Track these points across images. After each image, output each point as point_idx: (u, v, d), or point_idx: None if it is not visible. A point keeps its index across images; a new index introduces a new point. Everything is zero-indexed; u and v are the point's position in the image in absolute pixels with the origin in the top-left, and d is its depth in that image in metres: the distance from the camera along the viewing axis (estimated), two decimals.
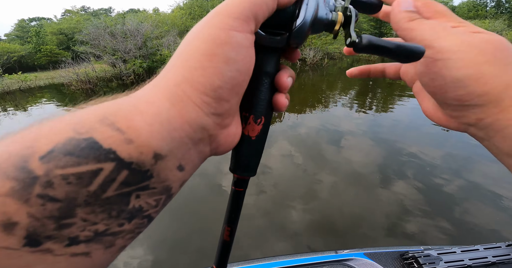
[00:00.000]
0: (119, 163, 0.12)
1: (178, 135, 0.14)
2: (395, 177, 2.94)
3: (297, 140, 4.10)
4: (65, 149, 0.11)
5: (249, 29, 0.16)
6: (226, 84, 0.15)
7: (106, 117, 0.12)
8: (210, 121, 0.15)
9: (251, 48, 0.17)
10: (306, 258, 1.01)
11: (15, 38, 25.98)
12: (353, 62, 14.39)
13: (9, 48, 16.91)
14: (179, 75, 0.15)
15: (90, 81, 8.89)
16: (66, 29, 21.52)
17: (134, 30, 8.86)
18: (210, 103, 0.15)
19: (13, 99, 8.33)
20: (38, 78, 11.45)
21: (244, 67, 0.16)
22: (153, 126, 0.13)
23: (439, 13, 0.22)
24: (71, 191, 0.11)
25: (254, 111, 0.20)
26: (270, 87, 0.20)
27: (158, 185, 0.14)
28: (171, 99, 0.14)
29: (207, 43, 0.15)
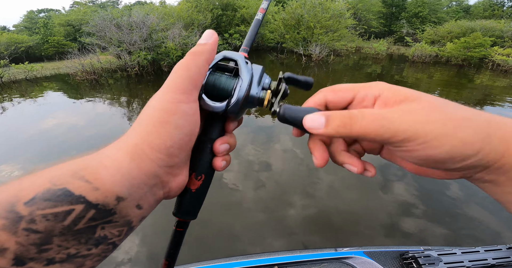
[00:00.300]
0: (88, 204, 0.16)
1: (136, 182, 0.18)
2: (395, 178, 2.89)
3: None
4: (44, 196, 0.15)
5: (192, 99, 0.22)
6: (176, 144, 0.20)
7: (77, 172, 0.17)
8: (162, 172, 0.20)
9: (195, 115, 0.22)
10: (305, 255, 1.05)
11: (24, 29, 26.15)
12: (359, 60, 14.12)
13: (17, 38, 17.02)
14: (139, 137, 0.19)
15: (95, 72, 8.92)
16: (73, 20, 21.55)
17: (140, 22, 8.81)
18: (162, 158, 0.20)
19: (19, 88, 8.43)
20: (44, 68, 11.54)
21: (190, 130, 0.21)
22: (116, 177, 0.17)
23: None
24: (49, 225, 0.15)
25: (196, 169, 0.24)
26: (211, 151, 0.25)
27: (120, 219, 0.18)
28: (131, 155, 0.19)
29: (161, 113, 0.20)
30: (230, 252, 1.92)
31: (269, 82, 0.27)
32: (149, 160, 0.19)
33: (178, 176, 0.22)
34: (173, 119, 0.20)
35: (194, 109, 0.22)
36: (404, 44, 19.32)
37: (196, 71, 0.22)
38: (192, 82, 0.21)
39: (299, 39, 12.60)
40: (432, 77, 9.51)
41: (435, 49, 13.39)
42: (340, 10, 12.22)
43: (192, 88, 0.21)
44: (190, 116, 0.21)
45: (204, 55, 0.23)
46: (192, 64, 0.22)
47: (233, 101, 0.24)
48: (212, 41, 0.24)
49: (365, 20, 21.19)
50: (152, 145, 0.19)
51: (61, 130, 4.58)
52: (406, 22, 22.16)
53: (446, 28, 16.20)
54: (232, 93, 0.24)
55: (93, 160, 0.18)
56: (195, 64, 0.22)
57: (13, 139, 4.28)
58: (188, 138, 0.21)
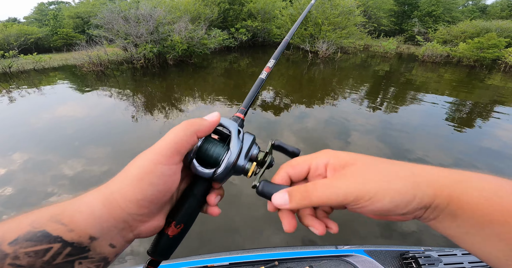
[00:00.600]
0: (64, 243, 0.19)
1: (106, 225, 0.22)
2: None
3: (303, 131, 4.00)
4: (25, 237, 0.18)
5: (173, 162, 0.24)
6: (146, 199, 0.23)
7: (54, 216, 0.20)
8: (130, 218, 0.23)
9: (173, 176, 0.24)
10: (306, 251, 1.05)
11: (34, 21, 26.47)
12: (367, 58, 13.84)
13: (26, 30, 17.23)
14: (114, 188, 0.23)
15: (102, 64, 8.98)
16: (82, 13, 21.71)
17: (147, 15, 8.78)
18: (132, 208, 0.23)
19: (27, 78, 8.56)
20: (52, 59, 11.69)
21: (165, 188, 0.24)
22: (88, 220, 0.21)
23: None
24: (31, 260, 0.18)
25: (177, 219, 0.27)
26: (197, 204, 0.28)
27: (96, 256, 0.21)
28: (103, 202, 0.22)
29: (139, 170, 0.23)
30: (230, 246, 1.92)
31: (257, 153, 0.30)
32: (119, 208, 0.22)
33: (148, 222, 0.25)
34: (148, 177, 0.23)
35: (173, 171, 0.24)
36: (414, 43, 18.86)
37: (183, 138, 0.25)
38: (176, 147, 0.24)
39: (306, 36, 12.40)
40: (442, 77, 9.25)
41: (446, 49, 13.02)
42: (350, 7, 11.94)
43: (175, 152, 0.24)
44: (167, 177, 0.24)
45: (196, 127, 0.26)
46: (181, 132, 0.25)
47: (220, 171, 0.27)
48: (212, 120, 0.28)
49: (375, 18, 20.72)
50: (125, 196, 0.22)
51: (67, 120, 4.63)
52: (418, 21, 21.58)
53: (460, 28, 15.71)
54: (220, 163, 0.27)
55: (69, 205, 0.21)
56: (184, 133, 0.25)
57: (23, 128, 4.35)
58: (162, 194, 0.24)
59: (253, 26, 15.15)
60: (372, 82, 7.99)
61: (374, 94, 6.51)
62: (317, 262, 1.01)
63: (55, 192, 2.59)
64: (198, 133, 0.26)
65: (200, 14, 12.93)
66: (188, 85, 7.19)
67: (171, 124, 4.32)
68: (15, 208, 2.37)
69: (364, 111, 5.11)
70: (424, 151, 3.42)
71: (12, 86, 7.53)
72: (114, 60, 10.07)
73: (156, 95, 6.35)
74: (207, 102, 5.61)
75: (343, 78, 8.42)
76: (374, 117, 4.77)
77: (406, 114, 5.04)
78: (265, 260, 1.01)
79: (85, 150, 3.43)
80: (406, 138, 3.90)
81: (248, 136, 0.30)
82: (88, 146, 3.54)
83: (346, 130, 4.11)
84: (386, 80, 8.47)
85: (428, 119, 4.73)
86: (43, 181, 2.78)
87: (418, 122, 4.60)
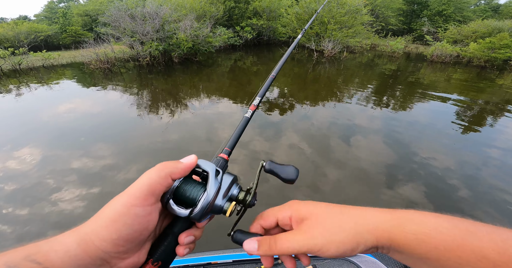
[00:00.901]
0: None
1: (83, 263, 0.22)
2: (403, 178, 2.76)
3: (306, 131, 3.96)
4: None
5: (147, 203, 0.25)
6: (121, 238, 0.24)
7: (29, 256, 0.21)
8: (107, 256, 0.24)
9: (148, 216, 0.26)
10: None
11: (44, 18, 26.97)
12: (374, 57, 13.63)
13: (36, 28, 17.56)
14: (89, 229, 0.24)
15: (108, 61, 9.08)
16: (91, 10, 22.00)
17: (153, 13, 8.83)
18: (107, 247, 0.23)
19: (36, 75, 8.72)
20: (61, 56, 11.89)
21: (140, 228, 0.25)
22: (64, 258, 0.22)
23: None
24: None
25: (154, 256, 0.28)
26: (175, 242, 0.29)
27: None
28: (78, 242, 0.23)
29: (113, 213, 0.24)
30: (233, 244, 1.91)
31: (237, 193, 0.31)
32: (94, 247, 0.23)
33: (127, 259, 0.26)
34: (122, 219, 0.24)
35: (148, 211, 0.25)
36: (423, 43, 18.50)
37: (156, 180, 0.26)
38: (150, 189, 0.25)
39: (312, 34, 12.28)
40: (451, 78, 9.05)
41: (456, 49, 12.72)
42: (357, 6, 11.77)
43: (149, 194, 0.25)
44: (141, 218, 0.25)
45: (169, 169, 0.27)
46: (154, 175, 0.26)
47: (196, 211, 0.28)
48: (188, 163, 0.29)
49: (383, 17, 20.39)
50: (99, 236, 0.23)
51: (73, 115, 4.70)
52: (428, 20, 21.14)
53: (471, 28, 15.33)
54: (196, 203, 0.28)
55: (45, 245, 0.22)
56: (157, 175, 0.26)
57: (31, 123, 4.44)
58: (138, 234, 0.25)
59: (258, 24, 15.10)
60: (378, 81, 7.87)
61: (379, 94, 6.41)
62: (321, 262, 1.01)
63: (60, 180, 2.63)
64: (173, 175, 0.27)
65: (206, 12, 12.94)
66: (193, 83, 7.21)
67: (175, 121, 4.34)
68: (23, 203, 2.40)
69: (368, 110, 5.03)
70: (431, 152, 3.34)
71: (21, 83, 7.69)
72: (121, 58, 10.18)
73: (161, 92, 6.39)
74: (211, 100, 5.61)
75: (349, 78, 8.31)
76: (378, 117, 4.69)
77: (412, 113, 4.94)
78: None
79: (89, 146, 3.47)
80: (413, 138, 3.82)
81: (228, 176, 0.31)
82: (91, 142, 3.58)
83: (349, 130, 4.06)
84: (393, 80, 8.33)
85: (436, 119, 4.63)
86: (50, 173, 2.82)
87: (425, 122, 4.50)
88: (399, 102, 5.83)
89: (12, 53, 9.51)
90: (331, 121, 4.39)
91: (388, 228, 0.24)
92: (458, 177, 2.80)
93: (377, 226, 0.25)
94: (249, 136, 3.68)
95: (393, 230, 0.24)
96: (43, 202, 2.38)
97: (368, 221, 0.25)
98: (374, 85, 7.29)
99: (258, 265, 0.98)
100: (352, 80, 7.92)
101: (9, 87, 7.06)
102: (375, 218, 0.25)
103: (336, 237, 0.25)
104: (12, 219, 2.18)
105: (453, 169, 2.97)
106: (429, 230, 0.22)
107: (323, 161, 3.08)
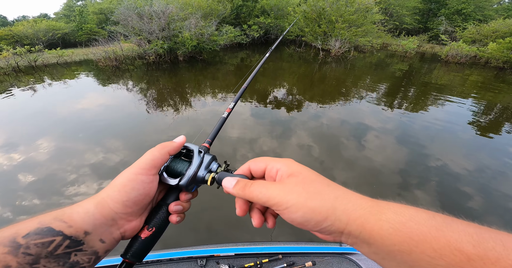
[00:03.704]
0: (64, 236, 0.25)
1: (98, 222, 0.28)
2: (414, 183, 2.68)
3: (313, 130, 3.92)
4: (35, 232, 0.24)
5: (151, 173, 0.31)
6: (130, 200, 0.30)
7: (57, 217, 0.26)
8: (118, 217, 0.29)
9: (151, 183, 0.31)
10: (310, 247, 1.07)
11: (63, 16, 28.16)
12: (385, 57, 13.20)
13: (54, 26, 18.37)
14: (105, 193, 0.30)
15: (117, 59, 9.37)
16: (106, 9, 22.74)
17: (159, 12, 9.00)
18: (119, 208, 0.29)
19: (51, 71, 9.15)
20: (75, 54, 12.39)
21: (145, 192, 0.31)
22: (84, 219, 0.27)
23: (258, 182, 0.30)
24: (39, 250, 0.23)
25: (149, 223, 0.33)
26: (165, 212, 0.34)
27: (88, 249, 0.26)
28: (96, 204, 0.28)
29: (124, 179, 0.30)
30: (237, 239, 2.00)
31: (216, 168, 0.36)
32: (108, 208, 0.29)
33: (132, 221, 0.31)
34: (131, 184, 0.30)
35: (151, 179, 0.31)
36: (439, 43, 17.68)
37: (158, 157, 0.32)
38: (153, 163, 0.32)
39: (319, 33, 12.06)
40: (466, 80, 8.61)
41: (473, 49, 12.08)
42: (367, 4, 11.41)
43: (152, 167, 0.32)
44: (146, 183, 0.31)
45: (168, 148, 0.34)
46: (157, 153, 0.33)
47: (183, 180, 0.34)
48: (180, 142, 0.36)
49: (397, 15, 19.65)
50: (113, 198, 0.29)
51: (86, 109, 4.91)
52: (446, 19, 20.16)
53: (491, 27, 14.48)
54: (184, 174, 0.34)
55: (69, 209, 0.27)
56: (159, 153, 0.33)
57: (45, 116, 4.70)
58: (143, 197, 0.31)
59: (265, 23, 15.00)
60: (388, 83, 7.62)
61: (389, 96, 6.21)
62: (320, 258, 1.03)
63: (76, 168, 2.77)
64: (170, 152, 0.34)
65: (213, 11, 13.01)
66: (197, 81, 7.31)
67: (180, 118, 4.43)
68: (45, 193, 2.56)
69: (370, 111, 4.89)
70: (445, 155, 3.24)
71: (33, 79, 8.09)
72: (129, 56, 10.46)
73: (165, 89, 6.52)
74: (215, 98, 5.68)
75: (358, 79, 8.10)
76: (387, 120, 4.55)
77: (422, 116, 4.76)
78: (270, 253, 1.05)
79: (91, 139, 3.62)
80: (424, 140, 3.71)
81: (209, 155, 0.37)
82: (95, 135, 3.73)
83: (359, 130, 3.97)
84: (402, 81, 8.04)
85: (449, 122, 4.44)
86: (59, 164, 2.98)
87: (438, 124, 4.32)
88: (406, 104, 5.63)
89: (29, 50, 10.01)
90: (336, 122, 4.32)
91: (364, 214, 0.23)
92: (473, 182, 2.70)
93: (354, 209, 0.24)
94: (256, 133, 3.70)
95: (369, 217, 0.23)
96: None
97: (348, 201, 0.24)
98: (383, 87, 7.07)
99: (259, 259, 1.02)
100: (358, 81, 7.72)
101: (28, 83, 7.46)
102: (356, 201, 0.24)
103: (310, 202, 0.24)
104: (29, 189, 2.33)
105: (471, 169, 2.89)
106: (406, 219, 0.21)
107: (332, 161, 3.07)
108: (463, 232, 0.19)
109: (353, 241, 0.24)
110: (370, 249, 0.23)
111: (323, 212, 0.24)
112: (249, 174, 0.33)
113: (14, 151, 3.35)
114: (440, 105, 5.59)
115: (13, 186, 2.65)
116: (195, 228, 2.07)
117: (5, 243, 0.22)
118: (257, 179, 0.33)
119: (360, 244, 0.24)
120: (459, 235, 0.19)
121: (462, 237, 0.19)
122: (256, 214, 0.31)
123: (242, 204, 0.32)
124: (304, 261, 1.02)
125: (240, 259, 1.03)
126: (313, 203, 0.24)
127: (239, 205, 0.32)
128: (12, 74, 8.74)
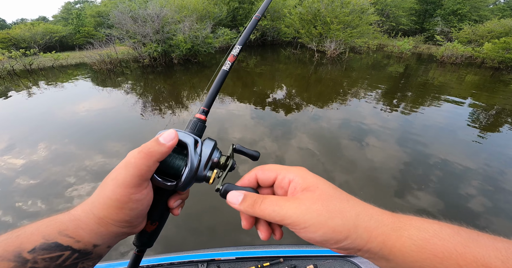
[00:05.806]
0: (73, 250, 0.25)
1: (107, 236, 0.27)
2: (415, 187, 2.66)
3: (311, 131, 3.91)
4: (41, 247, 0.23)
5: (142, 188, 0.28)
6: (133, 217, 0.28)
7: (61, 231, 0.25)
8: (125, 230, 0.29)
9: (147, 196, 0.28)
10: (311, 250, 1.06)
11: (61, 19, 28.22)
12: (382, 58, 13.23)
13: (52, 28, 18.40)
14: (102, 214, 0.27)
15: (111, 62, 9.37)
16: (103, 12, 22.82)
17: (153, 15, 9.01)
18: (124, 225, 0.28)
19: (46, 75, 9.15)
20: (70, 57, 12.39)
21: (143, 208, 0.29)
22: (90, 234, 0.26)
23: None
24: (47, 264, 0.23)
25: (151, 218, 0.33)
26: (165, 206, 0.33)
27: (94, 256, 0.27)
28: (99, 224, 0.27)
29: (116, 203, 0.27)
30: (238, 243, 1.98)
31: (218, 158, 0.32)
32: (113, 226, 0.27)
33: (138, 226, 0.30)
34: (127, 206, 0.27)
35: (145, 194, 0.28)
36: (435, 43, 17.75)
37: (146, 170, 0.27)
38: (142, 178, 0.27)
39: (315, 35, 12.09)
40: (463, 80, 8.62)
41: (468, 49, 12.12)
42: (362, 5, 11.45)
43: (142, 182, 0.27)
44: (142, 200, 0.28)
45: (156, 156, 0.27)
46: (143, 165, 0.27)
47: (181, 183, 0.30)
48: (170, 144, 0.28)
49: (394, 16, 19.74)
50: (114, 219, 0.27)
51: (79, 113, 4.90)
52: (442, 20, 20.27)
53: (486, 27, 14.56)
54: (180, 176, 0.30)
55: (70, 223, 0.26)
56: (146, 165, 0.27)
57: (41, 120, 4.70)
58: (144, 211, 0.29)
59: (262, 25, 15.05)
60: (386, 84, 7.62)
61: (385, 97, 6.21)
62: (322, 261, 1.02)
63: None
64: (159, 160, 0.28)
65: (209, 13, 13.04)
66: (192, 84, 7.30)
67: (175, 120, 4.41)
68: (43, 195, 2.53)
69: (365, 113, 4.88)
70: (446, 156, 3.24)
71: (29, 82, 8.08)
72: (124, 59, 10.47)
73: (158, 93, 6.51)
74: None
75: (355, 81, 8.11)
76: (387, 120, 4.54)
77: (418, 117, 4.75)
78: (271, 256, 1.04)
79: (81, 140, 3.60)
80: (424, 142, 3.70)
81: (209, 142, 0.31)
82: (86, 136, 3.71)
83: (359, 132, 3.96)
84: (397, 82, 8.04)
85: (447, 124, 4.43)
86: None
87: (436, 126, 4.32)
88: (402, 105, 5.62)
89: (24, 54, 10.01)
90: (333, 123, 4.30)
91: (386, 232, 0.22)
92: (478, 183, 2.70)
93: (376, 227, 0.23)
94: (257, 134, 3.68)
95: (390, 233, 0.22)
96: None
97: (370, 217, 0.23)
98: (381, 88, 7.07)
99: (261, 263, 1.01)
100: (352, 83, 7.72)
101: (21, 87, 7.44)
102: (378, 217, 0.23)
103: (331, 222, 0.23)
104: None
105: (473, 169, 2.90)
106: (430, 236, 0.21)
107: (331, 162, 3.07)
108: (491, 247, 0.19)
109: (370, 256, 0.23)
110: (388, 264, 0.22)
111: (345, 231, 0.23)
112: (256, 183, 0.29)
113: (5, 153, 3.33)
114: (435, 106, 5.58)
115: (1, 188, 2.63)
116: (195, 230, 2.08)
117: (9, 257, 0.22)
118: (263, 188, 0.30)
119: (378, 259, 0.23)
120: (486, 251, 0.19)
121: (490, 252, 0.18)
122: (263, 227, 0.29)
123: (249, 217, 0.29)
124: (305, 264, 1.02)
125: (241, 262, 1.03)
126: (334, 222, 0.23)
127: (245, 218, 0.28)
128: (8, 78, 8.73)
